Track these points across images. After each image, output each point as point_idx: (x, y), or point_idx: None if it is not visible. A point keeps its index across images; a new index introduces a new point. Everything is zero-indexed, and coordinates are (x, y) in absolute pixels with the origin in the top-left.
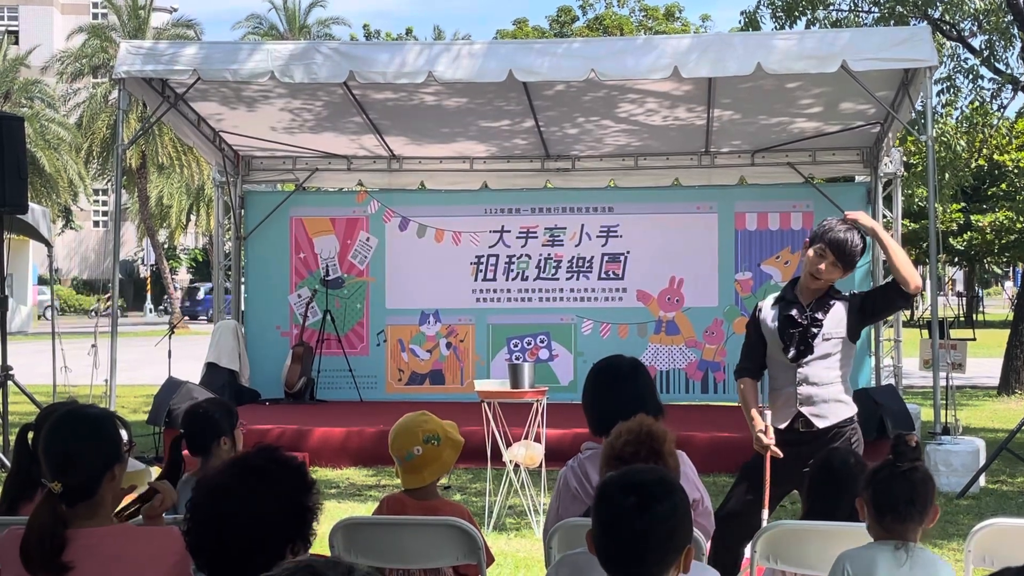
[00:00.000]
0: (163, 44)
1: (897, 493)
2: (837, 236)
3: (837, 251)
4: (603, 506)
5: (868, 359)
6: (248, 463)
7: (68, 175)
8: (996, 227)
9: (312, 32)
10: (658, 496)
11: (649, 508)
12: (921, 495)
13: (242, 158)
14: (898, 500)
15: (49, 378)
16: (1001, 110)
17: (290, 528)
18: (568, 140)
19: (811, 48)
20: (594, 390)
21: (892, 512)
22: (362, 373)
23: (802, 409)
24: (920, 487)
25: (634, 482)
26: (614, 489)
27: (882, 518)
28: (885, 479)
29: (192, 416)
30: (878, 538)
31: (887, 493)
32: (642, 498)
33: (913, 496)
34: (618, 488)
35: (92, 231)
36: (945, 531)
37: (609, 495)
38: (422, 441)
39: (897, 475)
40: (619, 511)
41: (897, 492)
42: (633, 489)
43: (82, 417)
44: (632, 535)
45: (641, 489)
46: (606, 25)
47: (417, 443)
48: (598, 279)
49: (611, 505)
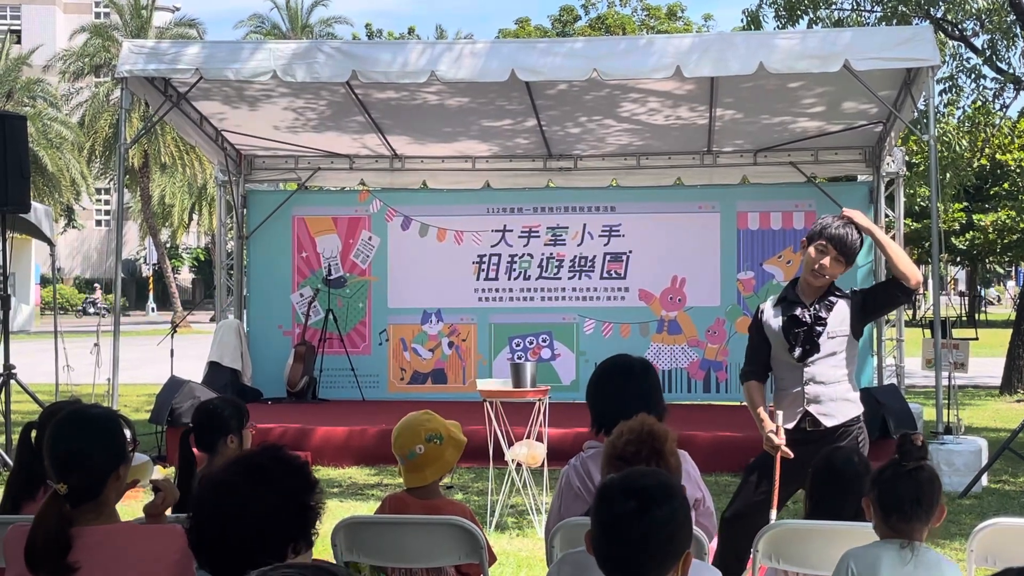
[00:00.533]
0: (165, 43)
1: (903, 493)
2: (837, 231)
3: (838, 246)
4: (603, 508)
5: (870, 359)
6: (252, 461)
7: (70, 174)
8: (998, 227)
9: (315, 31)
10: (658, 500)
11: (649, 512)
12: (927, 494)
13: (244, 157)
14: (904, 499)
15: (51, 377)
16: (1003, 109)
17: (293, 527)
18: (570, 139)
19: (813, 47)
20: (601, 387)
21: (898, 511)
22: (364, 372)
23: (809, 408)
24: (927, 486)
25: (635, 486)
26: (614, 491)
27: (888, 517)
28: (891, 479)
29: (201, 411)
30: (884, 537)
31: (893, 493)
32: (642, 502)
33: (919, 495)
34: (619, 491)
35: (94, 230)
36: (947, 531)
37: (609, 497)
38: (424, 440)
39: (903, 474)
40: (619, 514)
41: (903, 491)
42: (634, 493)
43: (87, 417)
44: (631, 539)
45: (642, 493)
46: (608, 24)
47: (419, 442)
48: (600, 278)
49: (611, 508)
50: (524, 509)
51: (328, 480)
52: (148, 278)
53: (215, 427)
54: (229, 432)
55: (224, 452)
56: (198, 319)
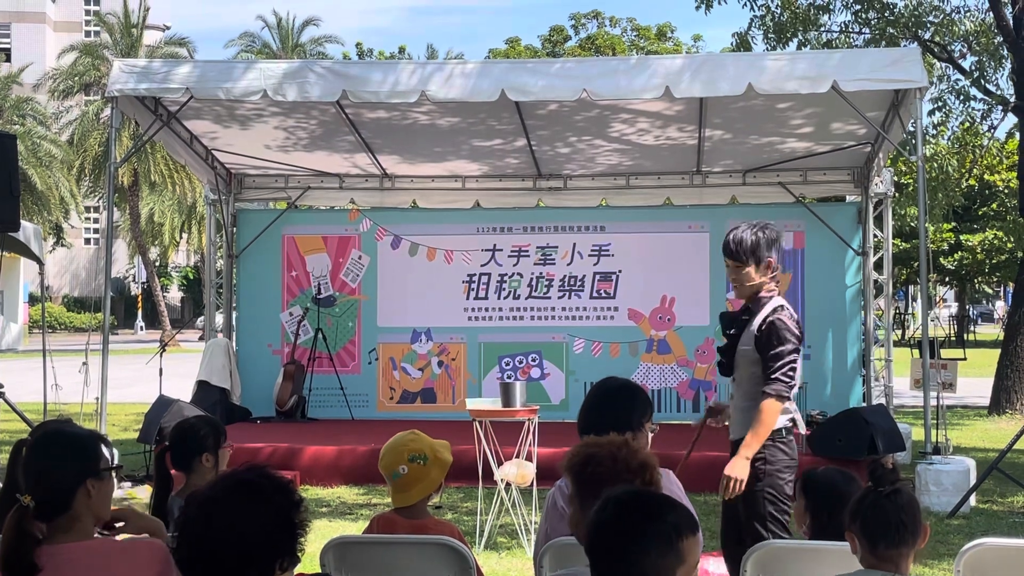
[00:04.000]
0: (157, 63)
1: (886, 519)
2: (724, 241)
3: (726, 252)
4: (596, 521)
5: (859, 379)
6: (240, 478)
7: (60, 192)
8: (987, 247)
9: (306, 50)
10: (652, 515)
11: (641, 528)
12: (910, 516)
13: (234, 176)
14: (889, 525)
15: (40, 396)
16: (991, 130)
17: (281, 543)
18: (560, 159)
19: (802, 69)
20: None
21: (885, 539)
22: (353, 391)
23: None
24: (908, 508)
25: (629, 501)
26: (610, 506)
27: (875, 547)
28: (871, 506)
29: (178, 430)
30: (871, 567)
31: (876, 520)
32: (634, 519)
33: (902, 518)
34: (614, 505)
35: (83, 248)
36: (936, 551)
37: (604, 510)
38: (407, 460)
39: (882, 500)
40: (611, 528)
41: (886, 518)
42: (626, 508)
43: (57, 434)
44: (622, 553)
45: (634, 509)
46: (598, 45)
47: (402, 462)
48: (590, 298)
49: (604, 520)
50: (514, 529)
51: (317, 499)
52: (137, 297)
53: (191, 446)
54: (205, 451)
55: (200, 471)
56: (187, 338)
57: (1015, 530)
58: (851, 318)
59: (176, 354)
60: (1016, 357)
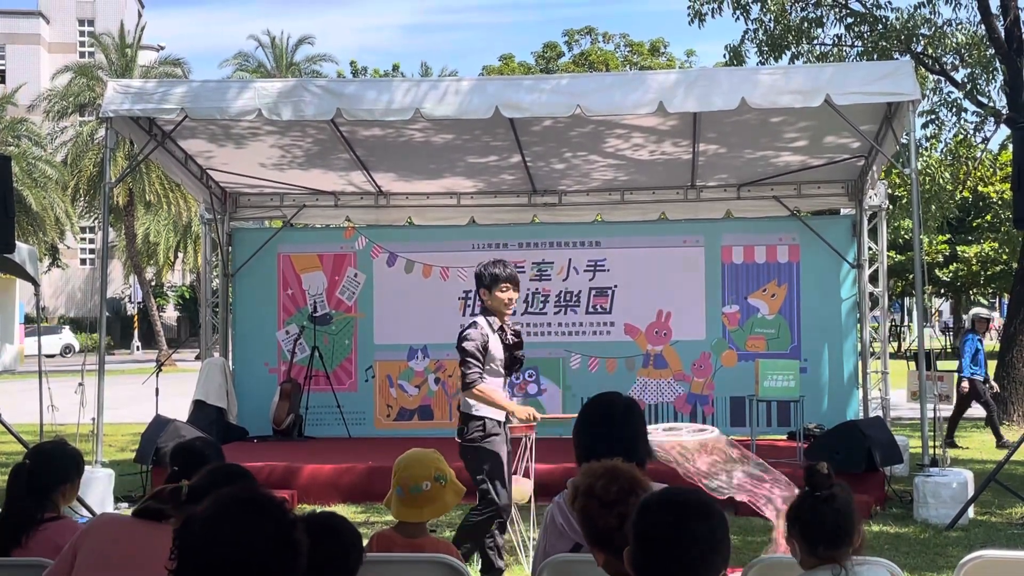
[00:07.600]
0: (152, 83)
1: (823, 522)
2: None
3: None
4: (640, 521)
5: (856, 391)
6: (239, 495)
7: (55, 213)
8: (982, 258)
9: (300, 69)
10: (696, 515)
11: (686, 526)
12: (847, 519)
13: (229, 195)
14: (825, 528)
15: (36, 417)
16: (985, 142)
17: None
18: (555, 175)
19: (795, 83)
20: (586, 424)
21: (824, 541)
22: (350, 409)
23: None
24: (845, 511)
25: (674, 500)
26: (653, 505)
27: (815, 549)
28: (810, 510)
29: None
30: (811, 568)
31: (813, 524)
32: (679, 516)
33: (839, 521)
34: (657, 504)
35: (79, 269)
36: (934, 563)
37: (647, 511)
38: (432, 477)
39: (820, 504)
40: (655, 524)
41: (823, 521)
42: (672, 507)
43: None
44: (668, 552)
45: (680, 507)
46: (592, 61)
47: (428, 479)
48: (586, 313)
49: (648, 520)
50: (512, 546)
51: None
52: (133, 316)
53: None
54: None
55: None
56: (183, 357)
57: (1014, 542)
58: (847, 331)
59: (172, 374)
60: (1012, 368)
